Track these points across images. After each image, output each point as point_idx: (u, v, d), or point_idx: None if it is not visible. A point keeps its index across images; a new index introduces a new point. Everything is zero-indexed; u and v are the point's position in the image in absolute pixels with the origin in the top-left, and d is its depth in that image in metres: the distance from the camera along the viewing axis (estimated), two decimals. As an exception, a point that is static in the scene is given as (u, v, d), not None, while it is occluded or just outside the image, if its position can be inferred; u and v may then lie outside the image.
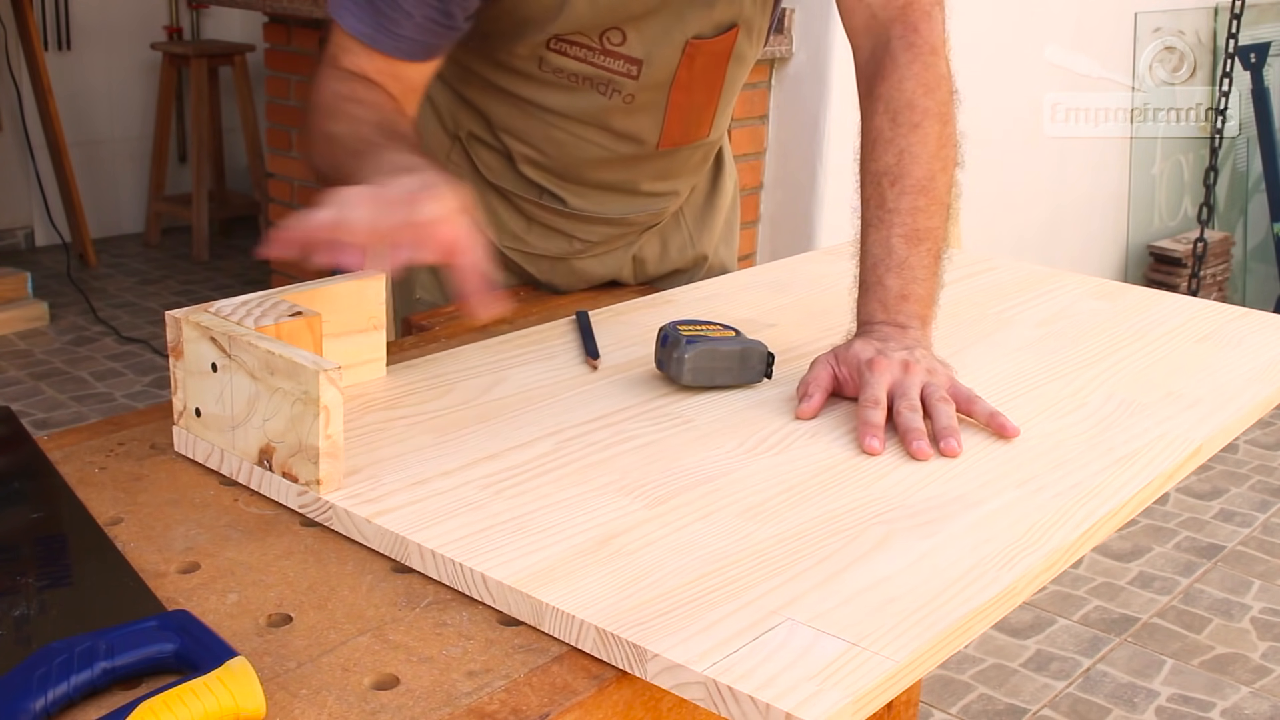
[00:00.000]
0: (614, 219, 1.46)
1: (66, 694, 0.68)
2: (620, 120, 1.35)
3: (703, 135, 1.42)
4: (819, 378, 1.10)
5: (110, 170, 5.30)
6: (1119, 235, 4.60)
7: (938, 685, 2.51)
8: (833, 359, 1.11)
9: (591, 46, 1.28)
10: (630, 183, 1.43)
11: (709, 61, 1.34)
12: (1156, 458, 1.04)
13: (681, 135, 1.40)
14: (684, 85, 1.34)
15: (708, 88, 1.37)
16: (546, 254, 1.47)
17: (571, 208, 1.44)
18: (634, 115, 1.35)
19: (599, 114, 1.34)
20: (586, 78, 1.31)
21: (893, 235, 1.14)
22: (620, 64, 1.30)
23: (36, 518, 0.90)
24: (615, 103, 1.33)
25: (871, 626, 0.76)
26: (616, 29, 1.27)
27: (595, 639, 0.76)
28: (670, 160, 1.43)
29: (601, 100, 1.33)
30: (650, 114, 1.35)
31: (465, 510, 0.89)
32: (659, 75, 1.31)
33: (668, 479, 0.95)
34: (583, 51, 1.29)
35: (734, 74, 1.39)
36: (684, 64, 1.31)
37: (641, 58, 1.29)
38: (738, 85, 1.42)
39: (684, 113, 1.37)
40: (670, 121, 1.37)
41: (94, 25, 5.17)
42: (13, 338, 4.16)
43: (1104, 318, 1.37)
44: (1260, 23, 4.64)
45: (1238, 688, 2.54)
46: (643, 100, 1.33)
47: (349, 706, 0.70)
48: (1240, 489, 3.43)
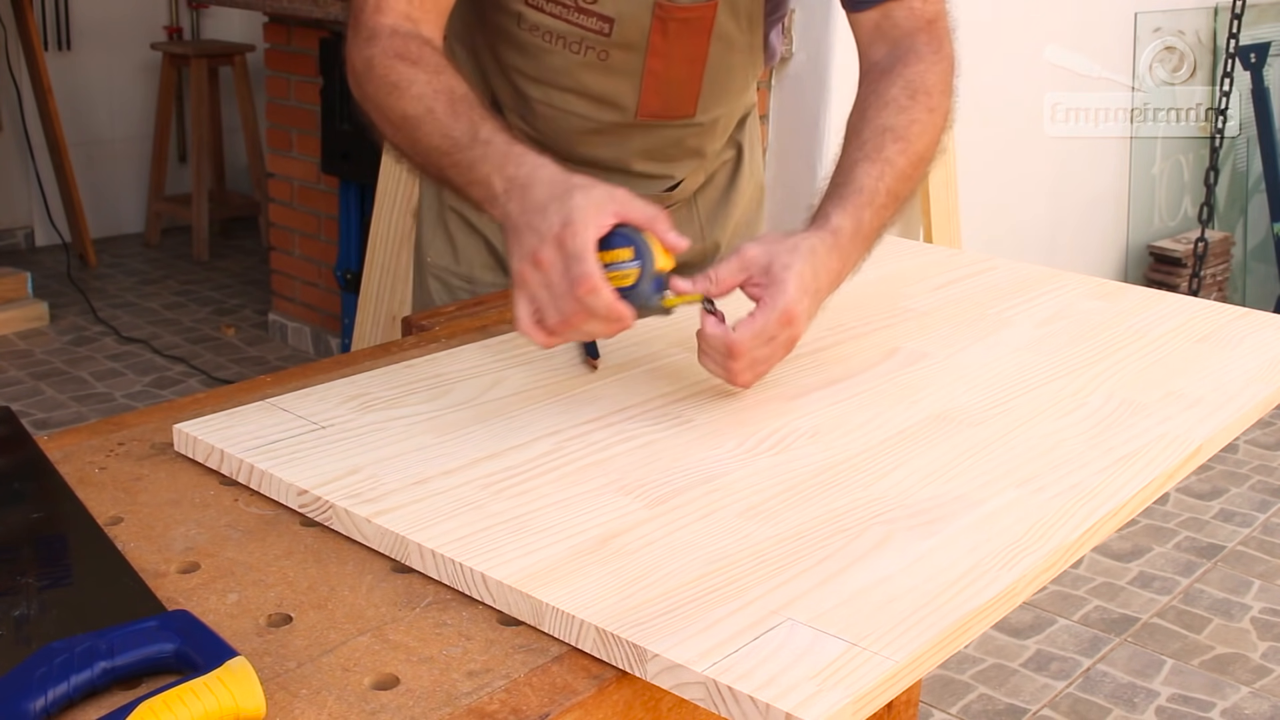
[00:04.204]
0: None
1: (66, 694, 0.68)
2: (597, 81, 1.36)
3: (688, 113, 1.42)
4: (718, 276, 1.06)
5: (110, 170, 5.30)
6: (1119, 235, 4.60)
7: (938, 685, 2.51)
8: (761, 259, 1.06)
9: (565, 3, 1.31)
10: (620, 160, 1.44)
11: (684, 30, 1.34)
12: (1156, 458, 1.04)
13: (661, 108, 1.40)
14: (659, 52, 1.35)
15: (687, 61, 1.37)
16: None
17: None
18: (611, 77, 1.36)
19: (575, 72, 1.36)
20: (560, 35, 1.33)
21: (882, 182, 1.13)
22: (593, 21, 1.32)
23: (36, 518, 0.90)
24: (590, 59, 1.34)
25: (871, 626, 0.76)
26: None
27: (595, 639, 0.76)
28: (657, 136, 1.43)
29: (575, 59, 1.35)
30: (627, 79, 1.36)
31: (465, 510, 0.89)
32: (631, 36, 1.33)
33: (668, 479, 0.95)
34: (558, 8, 1.32)
35: (719, 53, 1.38)
36: (656, 28, 1.33)
37: (613, 16, 1.31)
38: (731, 70, 1.41)
39: (662, 83, 1.37)
40: (647, 89, 1.37)
41: (94, 25, 5.17)
42: (13, 338, 4.16)
43: (1104, 318, 1.37)
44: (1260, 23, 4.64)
45: (1238, 688, 2.54)
46: (617, 61, 1.35)
47: (349, 706, 0.70)
48: (1240, 489, 3.43)
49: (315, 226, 4.07)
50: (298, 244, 4.15)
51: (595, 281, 0.96)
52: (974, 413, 1.10)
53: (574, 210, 0.97)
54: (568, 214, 0.97)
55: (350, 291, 3.74)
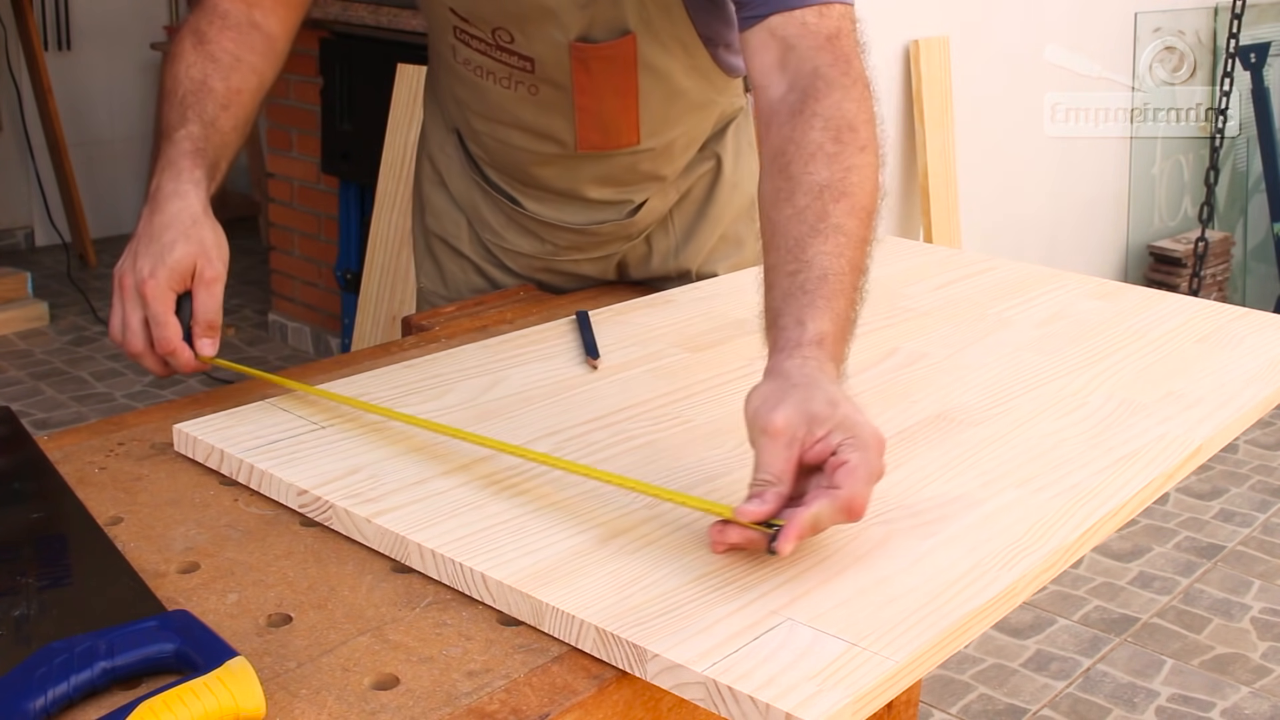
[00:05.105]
0: (577, 228, 1.44)
1: (66, 694, 0.68)
2: (531, 116, 1.35)
3: (631, 142, 1.36)
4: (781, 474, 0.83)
5: (110, 170, 5.30)
6: (1119, 235, 4.60)
7: (938, 685, 2.51)
8: (800, 433, 0.84)
9: (487, 41, 1.30)
10: (573, 188, 1.41)
11: (607, 67, 1.29)
12: (1156, 458, 1.04)
13: (601, 140, 1.36)
14: (585, 89, 1.30)
15: (617, 94, 1.32)
16: (523, 252, 1.47)
17: (528, 210, 1.44)
18: (544, 113, 1.34)
19: (511, 107, 1.35)
20: (490, 71, 1.32)
21: (842, 258, 0.96)
22: (515, 59, 1.30)
23: (36, 518, 0.90)
24: (521, 95, 1.33)
25: (871, 626, 0.76)
26: (503, 28, 1.28)
27: (595, 639, 0.76)
28: (607, 164, 1.39)
29: (508, 94, 1.34)
30: (560, 114, 1.34)
31: (465, 510, 0.89)
32: (554, 75, 1.30)
33: (668, 479, 0.95)
34: (482, 45, 1.31)
35: (653, 83, 1.32)
36: (576, 67, 1.29)
37: (532, 56, 1.29)
38: (673, 96, 1.35)
39: (595, 118, 1.33)
40: (582, 124, 1.34)
41: (94, 25, 5.17)
42: (13, 338, 4.16)
43: (1104, 318, 1.37)
44: (1260, 23, 4.64)
45: (1238, 688, 2.54)
46: (548, 97, 1.33)
47: (349, 706, 0.70)
48: (1240, 489, 3.43)
49: (315, 226, 4.07)
50: (298, 244, 4.15)
51: (173, 345, 1.06)
52: (974, 413, 1.10)
53: (159, 266, 1.07)
54: (155, 265, 1.07)
55: (350, 291, 3.74)
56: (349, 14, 3.46)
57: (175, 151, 1.16)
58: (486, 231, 1.47)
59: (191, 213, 1.11)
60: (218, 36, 1.23)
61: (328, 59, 3.66)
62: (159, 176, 1.14)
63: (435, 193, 1.50)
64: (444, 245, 1.50)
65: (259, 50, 1.26)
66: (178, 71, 1.21)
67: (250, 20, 1.26)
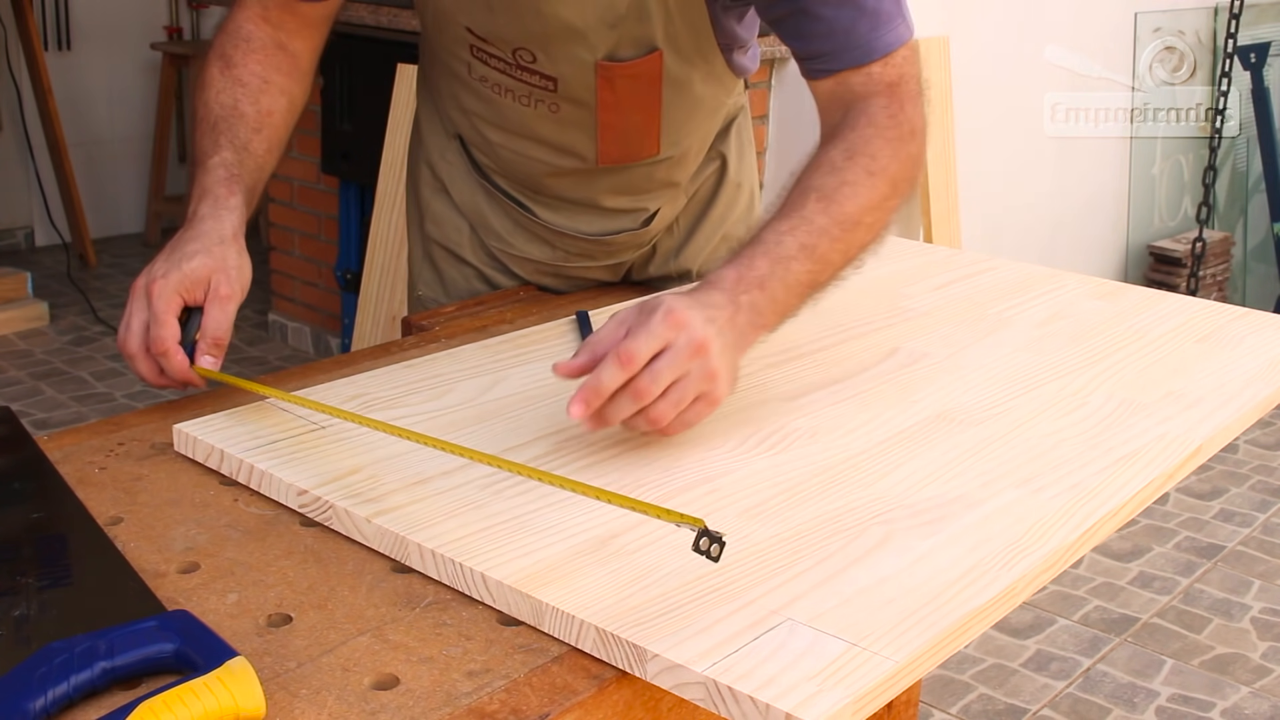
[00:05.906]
0: (591, 238, 1.44)
1: (66, 694, 0.68)
2: (551, 133, 1.33)
3: (652, 153, 1.37)
4: (601, 341, 0.96)
5: (110, 170, 5.30)
6: (1119, 235, 4.60)
7: (938, 685, 2.51)
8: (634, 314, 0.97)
9: (507, 61, 1.28)
10: (589, 198, 1.41)
11: (634, 85, 1.29)
12: (1156, 458, 1.04)
13: (622, 154, 1.36)
14: (611, 106, 1.30)
15: (642, 109, 1.32)
16: (531, 258, 1.47)
17: (541, 219, 1.43)
18: (565, 129, 1.33)
19: (529, 123, 1.33)
20: (509, 89, 1.31)
21: (791, 236, 1.05)
22: (537, 79, 1.29)
23: (36, 518, 0.90)
24: (541, 112, 1.32)
25: (871, 626, 0.76)
26: (525, 48, 1.26)
27: (595, 639, 0.76)
28: (625, 175, 1.39)
29: (527, 111, 1.32)
30: (582, 131, 1.33)
31: (465, 510, 0.89)
32: (578, 94, 1.29)
33: (668, 479, 0.95)
34: (501, 64, 1.29)
35: (675, 95, 1.32)
36: (602, 86, 1.28)
37: (555, 76, 1.28)
38: (694, 104, 1.36)
39: (618, 133, 1.33)
40: (605, 140, 1.33)
41: (94, 25, 5.16)
42: (13, 338, 4.16)
43: (1104, 318, 1.37)
44: (1260, 23, 4.64)
45: (1238, 688, 2.54)
46: (569, 115, 1.31)
47: (349, 706, 0.70)
48: (1240, 489, 3.43)
49: (315, 226, 4.07)
50: (298, 244, 4.15)
51: (166, 346, 1.05)
52: (974, 413, 1.10)
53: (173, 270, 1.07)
54: (169, 269, 1.07)
55: (350, 291, 3.74)
56: (349, 14, 3.45)
57: (210, 179, 1.15)
58: (492, 237, 1.47)
59: (220, 233, 1.11)
60: (244, 60, 1.23)
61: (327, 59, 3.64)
62: (195, 204, 1.14)
63: (435, 199, 1.48)
64: (445, 252, 1.50)
65: (286, 71, 1.26)
66: (208, 98, 1.21)
67: (275, 41, 1.26)
